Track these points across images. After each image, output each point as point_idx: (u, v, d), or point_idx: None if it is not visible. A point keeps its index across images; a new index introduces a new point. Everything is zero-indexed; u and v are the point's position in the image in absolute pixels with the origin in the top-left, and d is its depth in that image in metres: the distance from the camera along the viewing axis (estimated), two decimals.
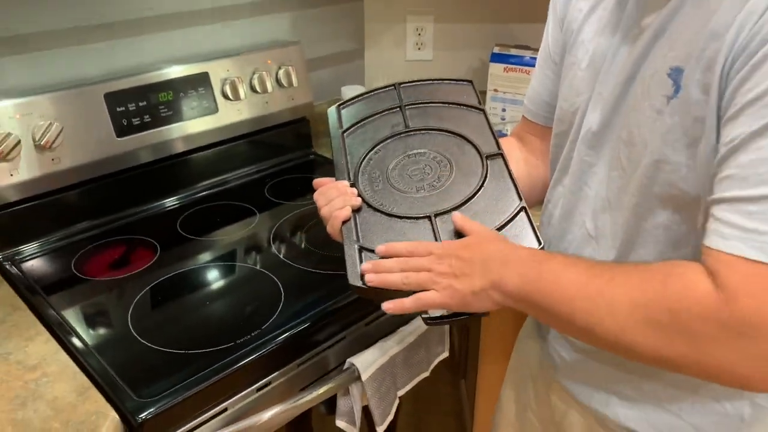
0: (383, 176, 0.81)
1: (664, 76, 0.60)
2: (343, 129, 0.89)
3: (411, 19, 1.59)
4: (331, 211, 0.77)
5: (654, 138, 0.62)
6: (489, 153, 0.81)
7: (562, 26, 0.79)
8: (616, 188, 0.68)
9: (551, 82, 0.83)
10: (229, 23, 1.33)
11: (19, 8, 1.05)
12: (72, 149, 1.08)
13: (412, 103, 0.89)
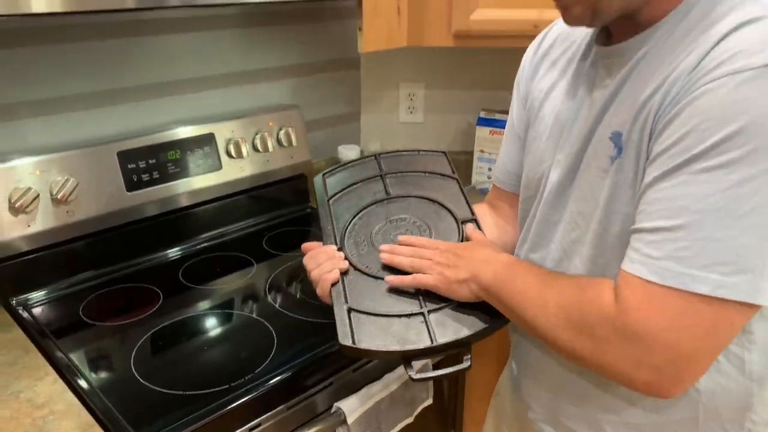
0: (368, 240, 0.87)
1: (607, 140, 0.70)
2: (328, 196, 0.96)
3: (404, 86, 1.71)
4: (321, 274, 0.83)
5: (604, 194, 0.70)
6: (464, 218, 0.88)
7: (525, 105, 0.89)
8: (571, 241, 0.77)
9: (517, 154, 0.92)
10: (235, 88, 1.45)
11: (43, 76, 1.16)
12: (85, 202, 1.16)
13: (392, 172, 0.97)
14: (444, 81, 1.71)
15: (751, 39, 0.57)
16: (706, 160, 0.56)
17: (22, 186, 1.08)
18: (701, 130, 0.57)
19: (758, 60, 0.55)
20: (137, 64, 1.27)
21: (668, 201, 0.59)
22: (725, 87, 0.56)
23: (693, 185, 0.57)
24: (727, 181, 0.56)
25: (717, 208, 0.56)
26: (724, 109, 0.56)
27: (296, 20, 1.50)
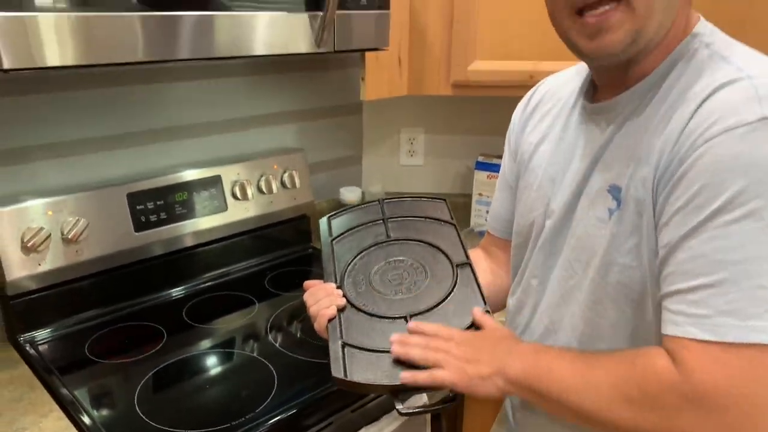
0: (366, 280, 0.90)
1: (605, 192, 0.73)
2: (332, 237, 0.99)
3: (404, 131, 1.77)
4: (319, 310, 0.85)
5: (601, 243, 0.73)
6: (459, 262, 0.91)
7: (515, 158, 0.94)
8: (569, 287, 0.79)
9: (509, 202, 0.97)
10: (241, 132, 1.50)
11: (57, 121, 1.21)
12: (94, 242, 1.20)
13: (394, 216, 1.00)
14: (443, 126, 1.76)
15: (735, 98, 0.62)
16: (730, 212, 0.59)
17: (34, 226, 1.12)
18: (715, 184, 0.60)
19: (749, 116, 0.60)
20: (147, 109, 1.33)
21: (703, 258, 0.61)
22: (726, 143, 0.60)
23: (724, 239, 0.59)
24: (758, 228, 0.58)
25: (757, 256, 0.58)
26: (732, 163, 0.59)
27: (302, 68, 1.57)
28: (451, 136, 1.77)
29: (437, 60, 1.38)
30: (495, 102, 1.67)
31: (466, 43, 1.34)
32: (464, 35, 1.33)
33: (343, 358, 0.79)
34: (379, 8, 1.17)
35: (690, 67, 0.69)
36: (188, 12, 0.93)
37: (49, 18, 0.81)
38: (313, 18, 1.08)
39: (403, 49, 1.35)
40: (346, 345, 0.81)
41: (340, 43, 1.14)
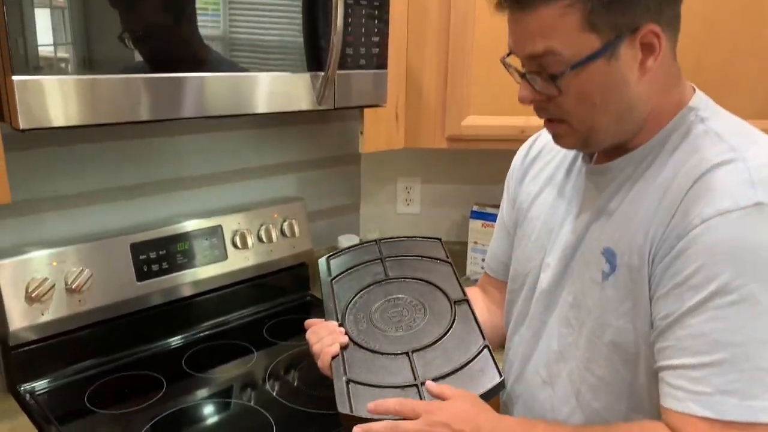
0: (367, 318, 0.93)
1: (599, 254, 0.76)
2: (331, 277, 1.02)
3: (401, 180, 1.81)
4: (322, 348, 0.86)
5: (596, 305, 0.76)
6: (456, 299, 0.94)
7: (514, 205, 0.97)
8: (566, 343, 0.81)
9: (506, 246, 1.00)
10: (243, 183, 1.54)
11: (63, 174, 1.25)
12: (97, 292, 1.22)
13: (391, 256, 1.03)
14: (439, 176, 1.81)
15: (730, 181, 0.64)
16: (727, 295, 0.61)
17: (39, 276, 1.15)
18: (711, 265, 0.62)
19: (744, 200, 0.62)
20: (151, 161, 1.37)
21: (702, 337, 0.63)
22: (722, 226, 0.62)
23: (723, 320, 0.62)
24: (755, 311, 0.60)
25: (754, 338, 0.60)
26: (728, 246, 0.62)
27: (303, 121, 1.62)
28: (447, 186, 1.82)
29: (433, 115, 1.43)
30: (489, 154, 1.72)
31: (460, 99, 1.39)
32: (458, 92, 1.39)
33: (348, 395, 0.81)
34: (378, 68, 1.23)
35: (685, 141, 0.71)
36: (194, 74, 0.98)
37: (62, 81, 0.85)
38: (314, 77, 1.13)
39: (400, 104, 1.41)
40: (350, 381, 0.83)
41: (340, 100, 1.19)
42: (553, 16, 0.66)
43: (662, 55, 0.69)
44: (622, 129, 0.73)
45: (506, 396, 0.95)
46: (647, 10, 0.66)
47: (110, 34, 0.89)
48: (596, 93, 0.69)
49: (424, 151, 1.75)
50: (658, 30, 0.67)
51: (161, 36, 0.95)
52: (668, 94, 0.73)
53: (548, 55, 0.68)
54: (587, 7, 0.64)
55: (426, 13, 1.37)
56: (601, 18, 0.65)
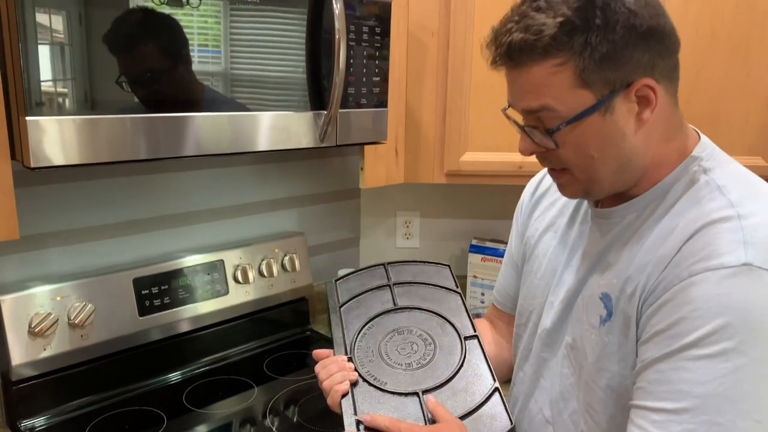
0: (376, 350, 0.92)
1: (597, 299, 0.76)
2: (340, 304, 1.01)
3: (400, 214, 1.83)
4: (332, 385, 0.85)
5: (593, 349, 0.76)
6: (467, 335, 0.93)
7: (522, 239, 0.98)
8: (568, 384, 0.82)
9: (514, 280, 1.01)
10: (244, 218, 1.56)
11: (67, 209, 1.27)
12: (99, 327, 1.23)
13: (399, 282, 1.03)
14: (438, 210, 1.83)
15: (722, 239, 0.65)
16: (701, 348, 0.62)
17: (42, 311, 1.16)
18: (692, 318, 0.63)
19: (733, 259, 0.63)
20: (154, 197, 1.39)
21: (669, 384, 0.64)
22: (708, 282, 0.63)
23: (692, 371, 0.63)
24: (723, 369, 0.61)
25: (716, 394, 0.61)
26: (710, 302, 0.63)
27: (303, 157, 1.65)
28: (446, 220, 1.84)
29: (431, 151, 1.46)
30: (487, 189, 1.75)
31: (458, 136, 1.42)
32: (456, 129, 1.42)
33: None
34: (378, 106, 1.26)
35: (688, 192, 0.71)
36: (199, 114, 1.01)
37: (72, 121, 0.88)
38: (317, 116, 1.16)
39: (400, 141, 1.44)
40: (359, 422, 0.82)
41: (341, 138, 1.22)
42: (545, 74, 0.67)
43: (660, 105, 0.70)
44: (622, 179, 0.74)
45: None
46: (639, 66, 0.67)
47: (114, 76, 0.92)
48: (594, 146, 0.70)
49: (423, 186, 1.78)
50: (652, 83, 0.68)
51: (165, 77, 0.98)
52: (670, 143, 0.74)
53: (544, 110, 0.69)
54: (579, 65, 0.66)
55: (425, 52, 1.41)
56: (593, 75, 0.66)
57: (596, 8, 0.65)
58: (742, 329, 0.61)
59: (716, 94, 1.40)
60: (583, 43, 0.65)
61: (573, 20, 0.65)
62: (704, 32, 1.36)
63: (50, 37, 0.85)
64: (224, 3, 1.00)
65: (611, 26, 0.65)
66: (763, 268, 0.62)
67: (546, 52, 0.66)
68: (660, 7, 0.69)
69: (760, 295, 0.62)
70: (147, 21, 0.93)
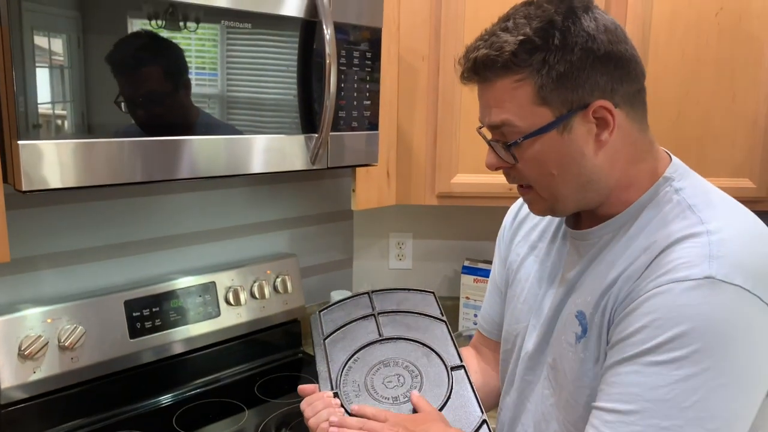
0: (362, 384, 0.92)
1: (573, 317, 0.78)
2: (324, 336, 1.01)
3: (393, 236, 1.84)
4: (318, 423, 0.84)
5: (572, 367, 0.77)
6: (453, 365, 0.93)
7: (504, 265, 0.99)
8: (549, 405, 0.83)
9: (499, 306, 1.01)
10: (236, 240, 1.56)
11: (59, 232, 1.27)
12: (90, 349, 1.22)
13: (384, 311, 1.02)
14: (430, 232, 1.84)
15: (690, 254, 0.67)
16: (657, 355, 0.64)
17: (32, 334, 1.15)
18: (653, 327, 0.65)
19: (697, 272, 0.65)
20: (145, 219, 1.40)
21: (623, 386, 0.67)
22: (671, 293, 0.65)
23: (645, 376, 0.65)
24: (674, 376, 0.63)
25: (665, 400, 0.63)
26: (671, 312, 0.65)
27: (295, 179, 1.66)
28: (438, 242, 1.85)
29: (423, 173, 1.47)
30: (478, 210, 1.76)
31: (450, 158, 1.44)
32: (447, 151, 1.44)
33: None
34: (369, 128, 1.28)
35: (659, 212, 0.73)
36: (192, 137, 1.02)
37: (63, 145, 0.89)
38: (308, 139, 1.17)
39: (391, 163, 1.45)
40: None
41: (333, 160, 1.23)
42: (507, 90, 0.71)
43: (622, 129, 0.72)
44: (586, 198, 0.76)
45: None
46: (597, 88, 0.70)
47: (109, 99, 0.93)
48: (553, 163, 0.73)
49: (415, 208, 1.79)
50: (609, 106, 0.70)
51: (162, 100, 0.99)
52: (639, 165, 0.76)
53: (505, 125, 0.73)
54: (537, 82, 0.69)
55: (416, 76, 1.43)
56: (551, 93, 0.70)
57: (556, 30, 0.69)
58: (699, 339, 0.63)
59: (703, 116, 1.42)
60: (542, 61, 0.69)
61: (533, 39, 0.69)
62: (690, 55, 1.39)
63: (43, 60, 0.86)
64: (221, 27, 1.02)
65: (569, 47, 0.69)
66: (725, 281, 0.64)
67: (507, 68, 0.70)
68: (621, 35, 0.72)
69: (718, 307, 0.63)
70: (146, 44, 0.94)
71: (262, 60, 1.09)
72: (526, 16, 0.70)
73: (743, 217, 0.72)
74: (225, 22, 1.02)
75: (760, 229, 0.71)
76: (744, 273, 0.64)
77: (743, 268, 0.65)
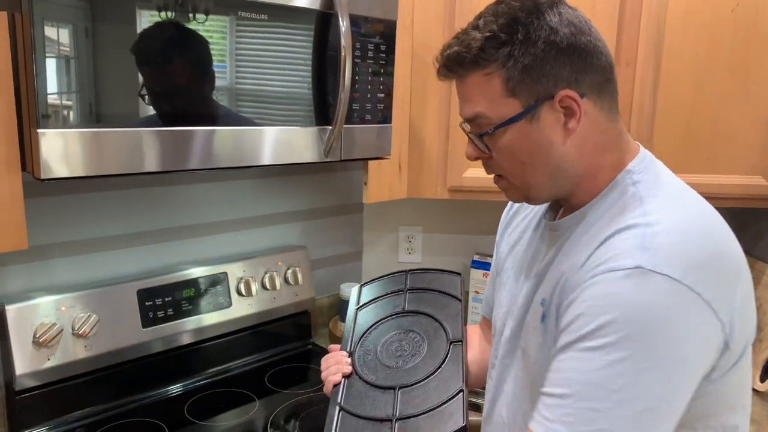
0: (374, 349, 1.00)
1: (539, 305, 0.82)
2: (358, 306, 1.09)
3: (403, 229, 1.85)
4: (327, 376, 0.95)
5: (536, 351, 0.81)
6: (454, 339, 0.99)
7: (497, 253, 1.03)
8: (520, 386, 0.87)
9: (495, 292, 1.05)
10: (248, 231, 1.57)
11: (74, 221, 1.28)
12: (103, 338, 1.24)
13: (414, 288, 1.10)
14: (440, 226, 1.84)
15: (625, 245, 0.70)
16: (589, 341, 0.68)
17: (47, 321, 1.16)
18: (587, 314, 0.69)
19: (629, 263, 0.67)
20: (159, 209, 1.41)
21: (561, 372, 0.70)
22: (604, 282, 0.68)
23: (578, 361, 0.68)
24: (604, 361, 0.66)
25: (596, 383, 0.66)
26: (603, 300, 0.68)
27: (307, 171, 1.66)
28: (448, 236, 1.85)
29: (435, 167, 1.47)
30: (489, 205, 1.76)
31: (462, 152, 1.43)
32: (459, 145, 1.44)
33: (336, 423, 0.88)
34: (382, 122, 1.28)
35: (615, 203, 0.77)
36: (206, 127, 1.03)
37: (81, 134, 0.89)
38: (321, 131, 1.18)
39: (403, 156, 1.46)
40: (342, 409, 0.90)
41: (346, 153, 1.24)
42: (478, 83, 0.76)
43: (589, 117, 0.76)
44: (557, 186, 0.80)
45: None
46: (561, 79, 0.74)
47: (126, 89, 0.94)
48: (523, 152, 0.77)
49: (426, 202, 1.79)
50: (574, 95, 0.74)
51: (174, 91, 0.99)
52: (605, 156, 0.78)
53: (479, 117, 0.77)
54: (504, 75, 0.74)
55: (429, 70, 1.43)
56: (519, 85, 0.74)
57: (519, 25, 0.74)
58: (626, 326, 0.65)
59: (716, 114, 1.41)
60: (507, 55, 0.73)
61: (499, 35, 0.74)
62: (703, 54, 1.38)
63: (59, 50, 0.87)
64: (231, 18, 1.02)
65: (533, 41, 0.73)
66: (654, 270, 0.66)
67: (476, 63, 0.75)
68: (585, 28, 0.76)
69: (646, 295, 0.66)
70: (170, 36, 0.95)
71: (276, 52, 1.09)
72: (494, 13, 0.75)
73: (687, 210, 0.74)
74: (241, 12, 1.03)
75: (701, 224, 0.73)
76: (673, 263, 0.66)
77: (673, 258, 0.67)
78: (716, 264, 0.69)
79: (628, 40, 1.40)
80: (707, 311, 0.66)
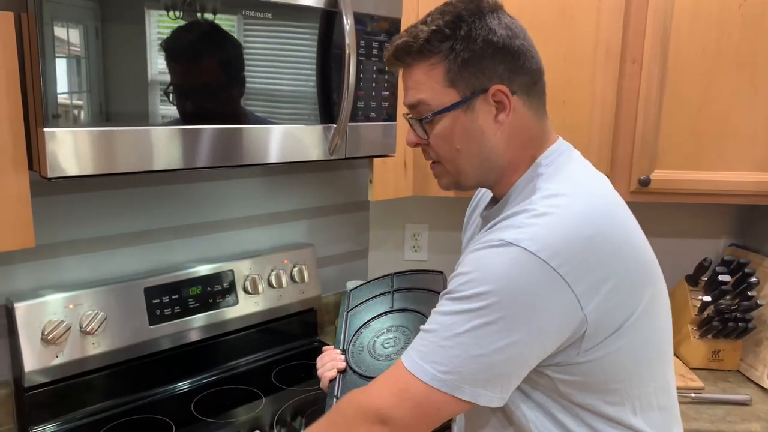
0: (366, 345, 1.04)
1: None
2: (348, 309, 1.13)
3: (409, 227, 1.85)
4: (323, 372, 1.01)
5: None
6: None
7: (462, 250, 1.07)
8: None
9: None
10: (255, 229, 1.58)
11: (83, 219, 1.29)
12: (110, 335, 1.25)
13: (400, 288, 1.15)
14: (446, 223, 1.84)
15: (504, 225, 0.79)
16: (454, 293, 0.78)
17: (55, 319, 1.17)
18: (459, 274, 0.79)
19: (497, 237, 0.77)
20: (166, 208, 1.41)
21: (433, 314, 0.81)
22: (474, 252, 0.78)
23: (442, 306, 0.79)
24: (457, 308, 0.77)
25: (447, 325, 0.77)
26: (470, 264, 0.77)
27: (313, 169, 1.67)
28: (454, 233, 1.84)
29: None
30: None
31: None
32: None
33: None
34: (387, 119, 1.28)
35: (521, 193, 0.84)
36: (213, 126, 1.03)
37: (88, 132, 0.90)
38: (326, 129, 1.18)
39: (409, 154, 1.46)
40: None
41: (351, 151, 1.24)
42: (423, 72, 0.83)
43: (517, 113, 0.83)
44: (485, 174, 0.88)
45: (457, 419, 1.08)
46: (496, 75, 0.82)
47: (132, 87, 0.94)
48: (458, 140, 0.84)
49: (432, 199, 1.79)
50: (506, 91, 0.82)
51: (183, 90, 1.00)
52: (527, 151, 0.86)
53: (421, 104, 0.85)
54: (446, 67, 0.82)
55: None
56: (458, 77, 0.82)
57: (463, 23, 0.81)
58: (478, 284, 0.75)
59: (724, 111, 1.40)
60: (450, 49, 0.81)
61: (444, 30, 0.81)
62: (711, 50, 1.37)
63: (68, 50, 0.87)
64: (238, 17, 1.03)
65: (473, 38, 0.81)
66: (514, 243, 0.75)
67: (421, 53, 0.83)
68: (521, 33, 0.84)
69: (501, 262, 0.75)
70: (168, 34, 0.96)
71: (281, 50, 1.10)
72: (441, 11, 0.83)
73: (569, 201, 0.79)
74: (245, 12, 1.03)
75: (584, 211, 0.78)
76: (532, 239, 0.74)
77: (536, 237, 0.74)
78: (587, 249, 0.75)
79: (634, 35, 1.39)
80: (562, 288, 0.74)
